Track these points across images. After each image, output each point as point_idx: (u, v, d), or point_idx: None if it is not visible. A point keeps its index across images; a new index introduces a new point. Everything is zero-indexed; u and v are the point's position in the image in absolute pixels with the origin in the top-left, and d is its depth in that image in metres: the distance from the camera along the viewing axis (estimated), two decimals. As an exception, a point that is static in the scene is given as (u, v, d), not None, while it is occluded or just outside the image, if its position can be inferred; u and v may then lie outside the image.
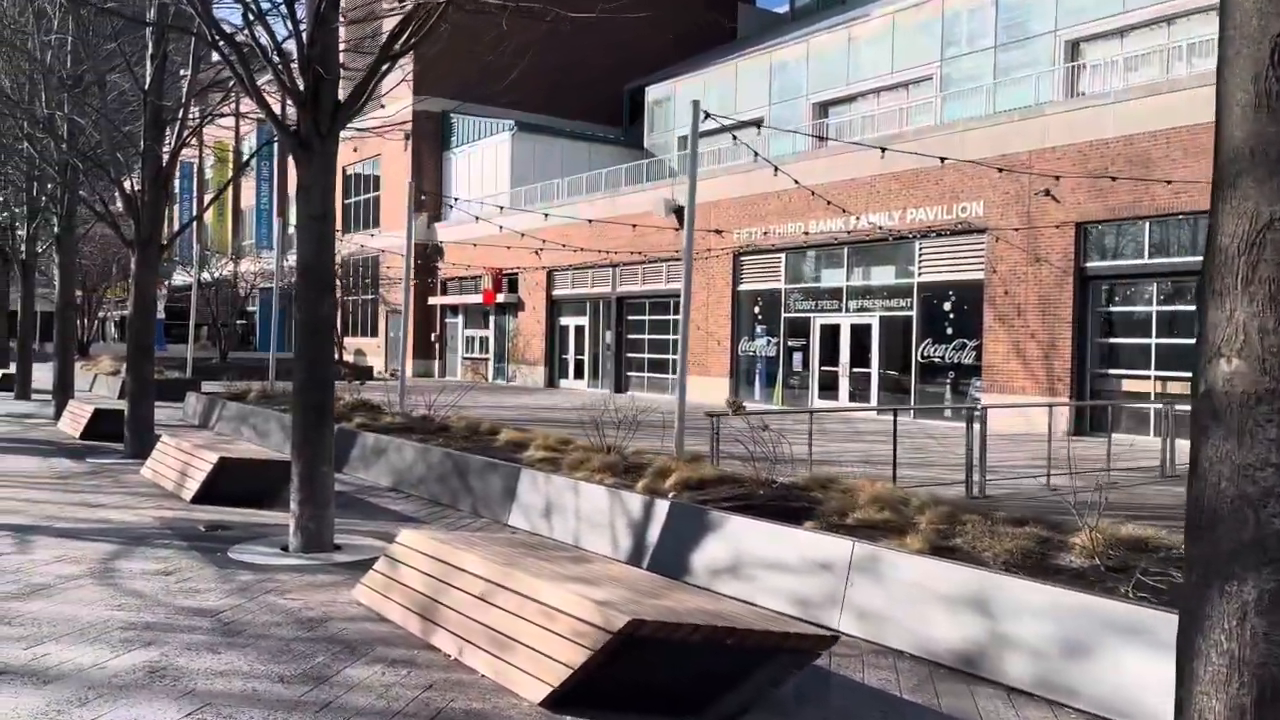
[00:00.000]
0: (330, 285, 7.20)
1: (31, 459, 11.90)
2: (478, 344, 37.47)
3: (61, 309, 16.77)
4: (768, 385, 24.56)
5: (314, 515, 7.05)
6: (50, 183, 17.20)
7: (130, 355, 12.08)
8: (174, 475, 9.60)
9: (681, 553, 6.53)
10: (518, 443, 9.89)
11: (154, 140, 11.76)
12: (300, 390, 7.12)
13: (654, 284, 28.29)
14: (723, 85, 33.88)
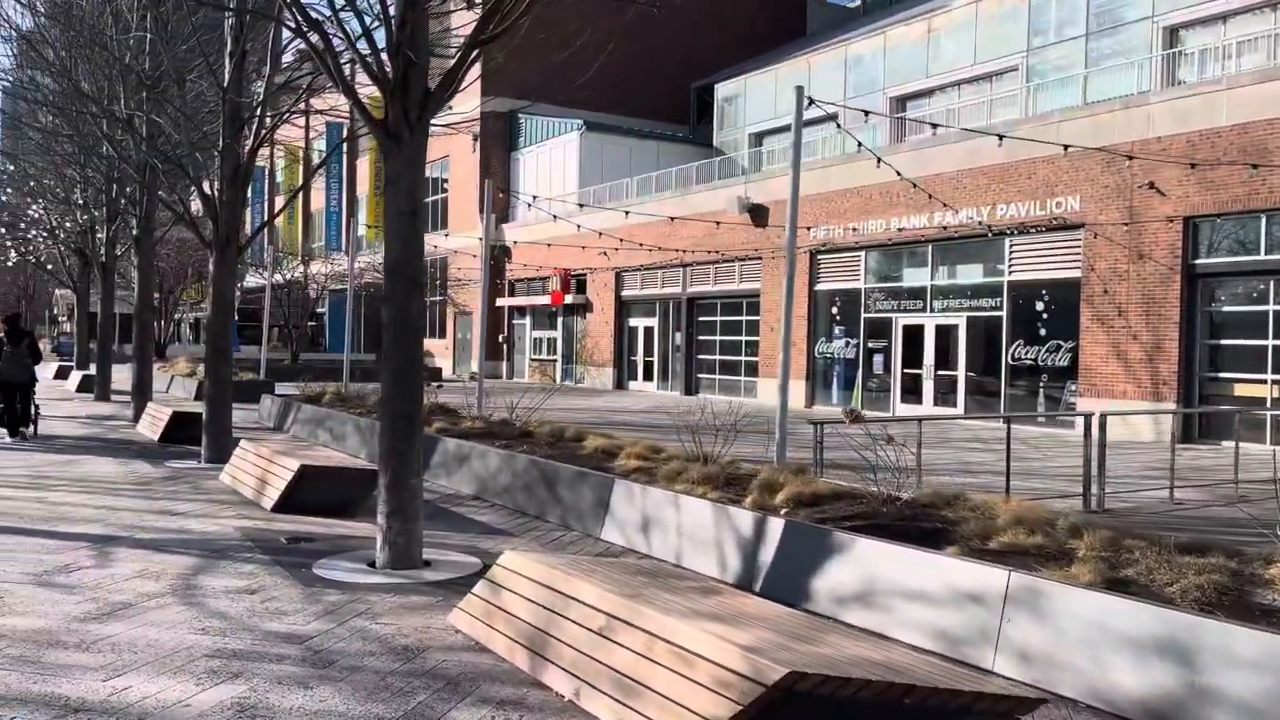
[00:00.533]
0: (420, 283, 6.78)
1: (111, 463, 11.76)
2: (545, 345, 37.22)
3: (140, 311, 16.76)
4: (845, 388, 23.80)
5: (402, 529, 6.63)
6: (129, 185, 17.22)
7: (208, 357, 11.87)
8: (253, 482, 9.30)
9: (799, 577, 5.96)
10: (606, 450, 9.40)
11: (232, 138, 11.53)
12: (388, 396, 6.71)
13: (726, 284, 27.69)
14: (795, 80, 33.04)
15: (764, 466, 8.10)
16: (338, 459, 9.16)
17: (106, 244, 21.34)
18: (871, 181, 22.39)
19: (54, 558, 6.75)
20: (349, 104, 13.62)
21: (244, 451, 9.93)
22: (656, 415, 20.82)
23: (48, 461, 11.74)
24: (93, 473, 10.87)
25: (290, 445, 10.17)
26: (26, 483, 10.02)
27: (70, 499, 9.11)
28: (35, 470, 10.97)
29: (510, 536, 7.98)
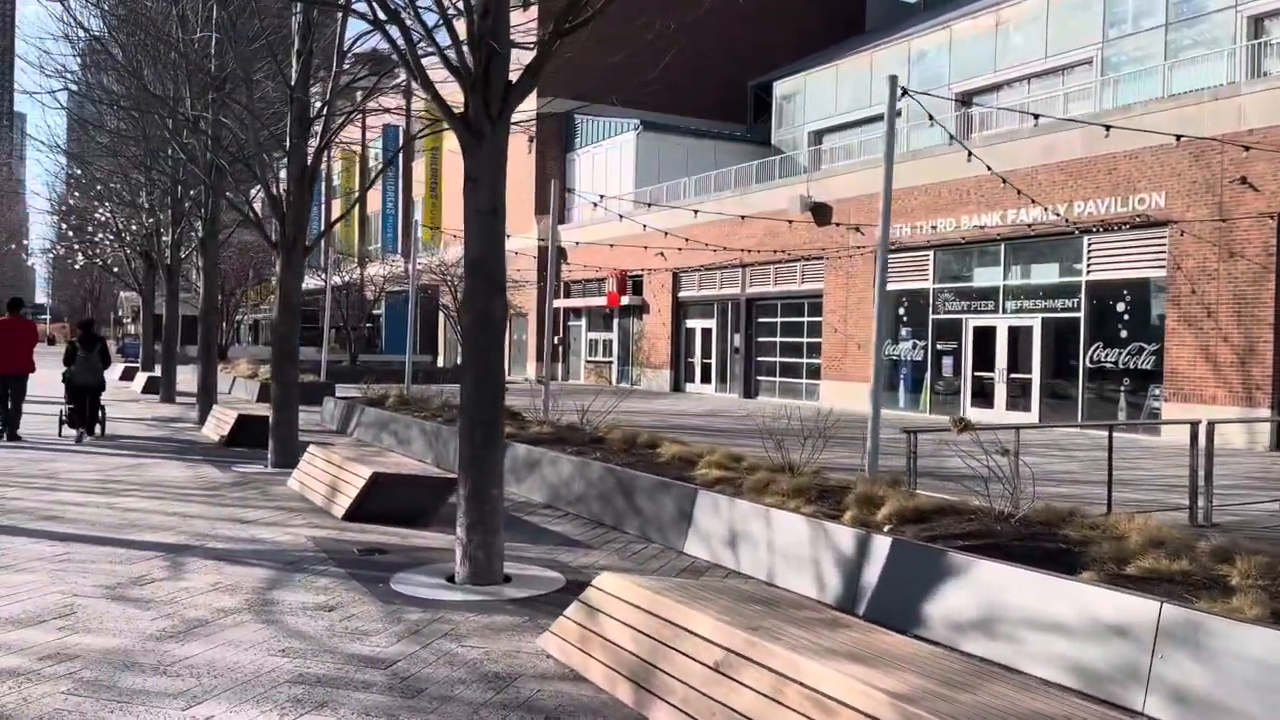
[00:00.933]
0: (501, 285, 6.47)
1: (179, 466, 11.67)
2: (601, 347, 36.97)
3: (205, 313, 16.77)
4: (913, 391, 23.18)
5: (483, 543, 6.32)
6: (195, 187, 17.26)
7: (275, 360, 11.73)
8: (323, 489, 9.09)
9: (909, 600, 5.54)
10: (684, 458, 9.03)
11: (300, 138, 11.36)
12: (468, 402, 6.40)
13: (787, 284, 27.17)
14: (856, 77, 32.48)
15: (855, 478, 7.67)
16: (409, 466, 8.91)
17: (171, 246, 21.49)
18: (940, 179, 21.77)
19: (127, 569, 6.55)
20: (408, 104, 13.31)
21: (313, 457, 9.73)
22: (718, 419, 20.42)
23: (117, 465, 11.69)
24: (161, 477, 10.77)
25: (360, 451, 9.95)
26: (97, 487, 9.93)
27: (140, 505, 8.97)
28: (105, 474, 10.90)
29: (589, 549, 7.65)
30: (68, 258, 31.33)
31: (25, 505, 8.79)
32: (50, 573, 6.38)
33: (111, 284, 55.74)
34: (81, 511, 8.55)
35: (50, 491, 9.56)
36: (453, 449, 11.90)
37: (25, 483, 10.12)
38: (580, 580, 6.53)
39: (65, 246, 30.73)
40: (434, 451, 12.59)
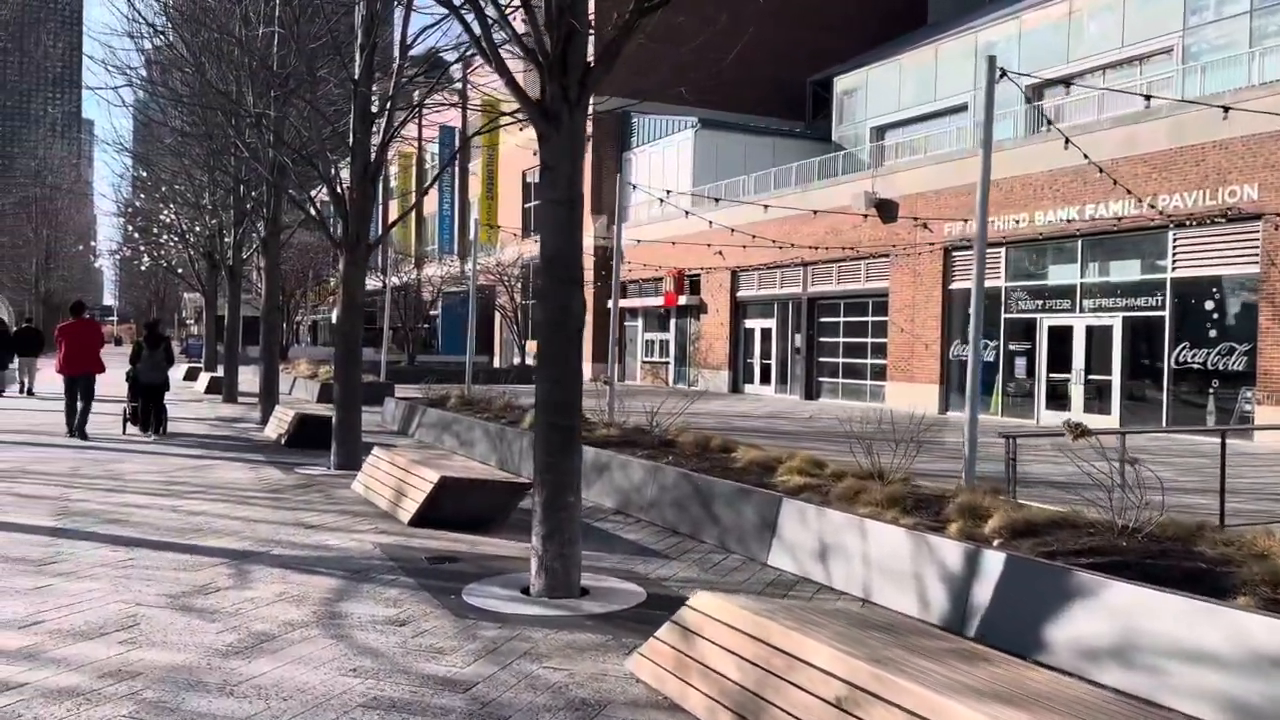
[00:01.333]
0: (579, 280, 6.11)
1: (242, 468, 11.52)
2: (657, 347, 36.61)
3: (267, 313, 16.72)
4: (984, 393, 22.42)
5: (560, 553, 5.97)
6: (257, 186, 17.23)
7: (338, 360, 11.53)
8: (388, 493, 8.82)
9: (1030, 623, 5.06)
10: (761, 463, 8.59)
11: (363, 134, 11.15)
12: (545, 405, 6.05)
13: (850, 283, 26.53)
14: (921, 71, 31.70)
15: (953, 486, 7.18)
16: (477, 470, 8.60)
17: (233, 247, 21.57)
18: (1012, 173, 21.01)
19: (191, 576, 6.31)
20: (464, 104, 13.04)
21: (377, 460, 9.48)
22: (781, 421, 19.92)
23: (181, 466, 11.58)
24: (225, 479, 10.62)
25: (425, 454, 9.67)
26: (161, 489, 9.79)
27: (205, 508, 8.78)
28: (169, 476, 10.78)
29: (666, 559, 7.26)
30: (134, 259, 31.79)
31: (91, 508, 8.65)
32: (113, 580, 6.16)
33: (176, 285, 56.74)
34: (146, 515, 8.38)
35: (115, 494, 9.43)
36: (517, 451, 11.61)
37: (91, 484, 10.02)
38: (662, 594, 6.15)
39: (131, 248, 31.18)
40: (498, 454, 12.30)
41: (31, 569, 6.39)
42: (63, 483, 10.05)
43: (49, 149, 47.97)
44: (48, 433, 14.94)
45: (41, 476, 10.43)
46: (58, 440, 14.02)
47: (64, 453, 12.63)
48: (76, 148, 76.20)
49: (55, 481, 10.13)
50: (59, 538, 7.37)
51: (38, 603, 5.63)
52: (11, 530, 7.60)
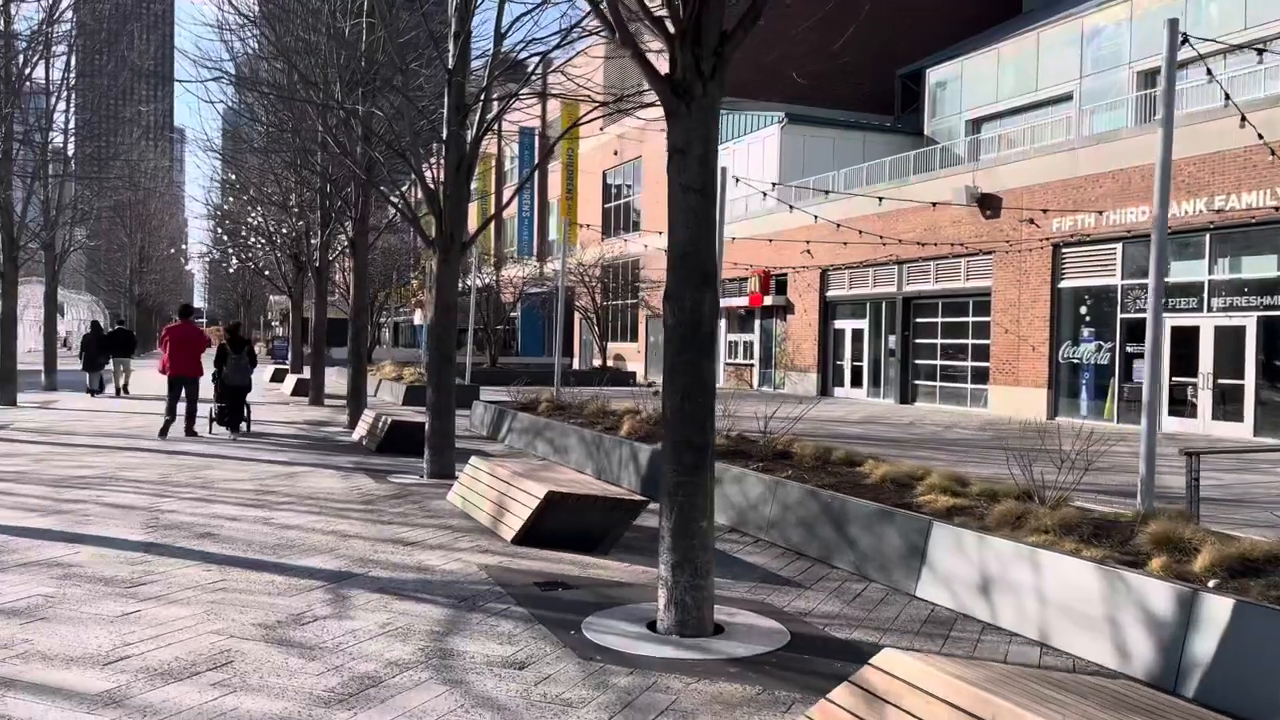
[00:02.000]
0: (713, 277, 5.43)
1: (333, 476, 11.11)
2: (741, 349, 35.78)
3: (355, 315, 16.41)
4: (1096, 398, 21.11)
5: (691, 585, 5.28)
6: (346, 185, 16.95)
7: (431, 363, 11.03)
8: (489, 506, 8.25)
9: (1268, 683, 4.20)
10: (896, 480, 7.79)
11: (457, 125, 10.63)
12: (674, 420, 5.37)
13: (949, 281, 25.36)
14: (1020, 60, 30.29)
15: (1127, 510, 6.30)
16: (587, 484, 7.97)
17: (320, 248, 21.42)
18: (1129, 164, 19.71)
19: (286, 602, 5.79)
20: (544, 106, 12.37)
21: (476, 471, 8.92)
22: (879, 426, 18.97)
23: (271, 474, 11.22)
24: (316, 488, 10.20)
25: (527, 465, 9.07)
26: (252, 499, 9.39)
27: (297, 521, 8.33)
28: (260, 483, 10.40)
29: (799, 588, 6.52)
30: (222, 261, 32.16)
31: (181, 519, 8.26)
32: (205, 606, 5.67)
33: (263, 287, 57.78)
34: (237, 528, 7.95)
35: (206, 504, 9.05)
36: (616, 461, 10.97)
37: (181, 493, 9.68)
38: (807, 634, 5.42)
39: (220, 250, 31.55)
40: (594, 462, 11.69)
41: (120, 591, 5.94)
42: (153, 491, 9.74)
43: (142, 153, 49.12)
44: (139, 435, 14.84)
45: (132, 484, 10.14)
46: (148, 444, 13.86)
47: (154, 458, 12.41)
48: (169, 152, 78.32)
49: (145, 490, 9.82)
50: (149, 553, 6.95)
51: (124, 632, 5.15)
52: (102, 545, 7.21)
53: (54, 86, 20.82)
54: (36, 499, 9.10)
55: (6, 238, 19.43)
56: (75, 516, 8.26)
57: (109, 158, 30.79)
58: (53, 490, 9.59)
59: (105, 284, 65.25)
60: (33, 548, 7.03)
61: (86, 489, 9.74)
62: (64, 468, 11.24)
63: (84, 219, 27.73)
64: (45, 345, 26.03)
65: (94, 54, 26.25)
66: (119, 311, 57.91)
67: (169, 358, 14.97)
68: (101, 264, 65.22)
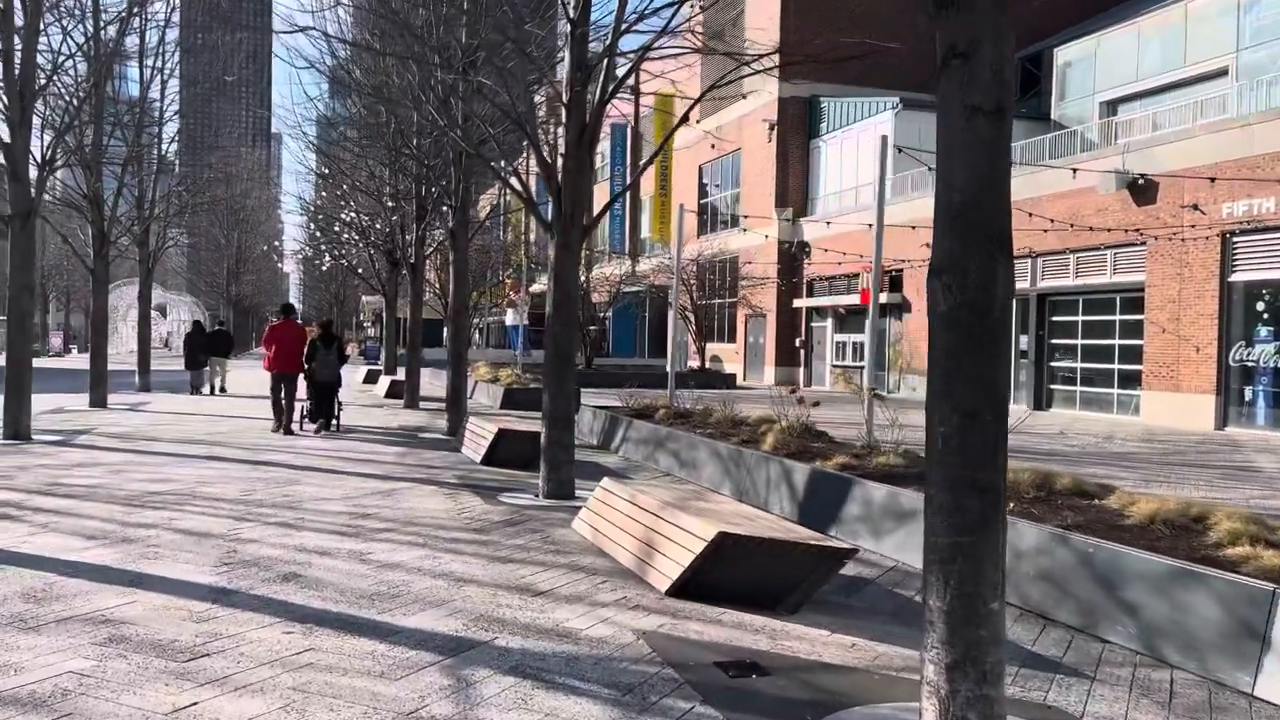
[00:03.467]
0: (1007, 242, 3.73)
1: (436, 495, 9.67)
2: (850, 350, 33.70)
3: (455, 313, 15.08)
4: (1274, 407, 18.61)
5: (977, 697, 3.58)
6: (442, 175, 15.67)
7: (549, 364, 9.51)
8: (630, 543, 6.65)
9: None
10: (1169, 521, 5.93)
11: (580, 86, 9.09)
12: (950, 450, 3.68)
13: (1092, 276, 22.99)
14: (1166, 35, 27.60)
15: None
16: (761, 521, 6.26)
17: (416, 243, 20.23)
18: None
19: (392, 691, 4.26)
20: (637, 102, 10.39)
21: (610, 496, 7.34)
22: (1026, 436, 16.84)
23: (366, 490, 9.85)
24: (418, 510, 8.76)
25: (678, 494, 7.41)
26: (346, 525, 7.99)
27: (399, 556, 6.86)
28: (354, 503, 9.02)
29: (1078, 676, 4.76)
30: (315, 259, 31.48)
31: (262, 553, 6.87)
32: (284, 696, 4.17)
33: (356, 286, 57.68)
34: (328, 568, 6.51)
35: (292, 531, 7.67)
36: (762, 481, 9.29)
37: (264, 516, 8.35)
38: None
39: (313, 248, 30.86)
40: (732, 481, 10.03)
41: (176, 667, 4.50)
42: (233, 512, 8.42)
43: (237, 152, 49.74)
44: (224, 443, 13.72)
45: (210, 504, 8.86)
46: (233, 453, 12.70)
47: (238, 470, 11.19)
48: (265, 147, 79.50)
49: (225, 510, 8.51)
50: (220, 604, 5.53)
51: (174, 742, 3.68)
52: (165, 590, 5.83)
53: (150, 60, 20.03)
54: (101, 521, 7.85)
55: (97, 232, 18.68)
56: (141, 547, 6.94)
57: (206, 148, 30.35)
58: (122, 511, 8.34)
59: (204, 285, 66.19)
60: (82, 593, 5.69)
61: (160, 509, 8.47)
62: (140, 481, 10.06)
63: (179, 214, 27.21)
64: (139, 346, 25.60)
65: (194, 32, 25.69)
66: (217, 312, 58.51)
67: (274, 355, 15.58)
68: (201, 265, 66.19)
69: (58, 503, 8.68)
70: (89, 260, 19.04)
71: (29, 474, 10.38)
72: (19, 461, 11.38)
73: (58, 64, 13.67)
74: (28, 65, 13.07)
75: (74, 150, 15.48)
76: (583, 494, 9.53)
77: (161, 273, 79.91)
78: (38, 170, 13.60)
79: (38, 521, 7.80)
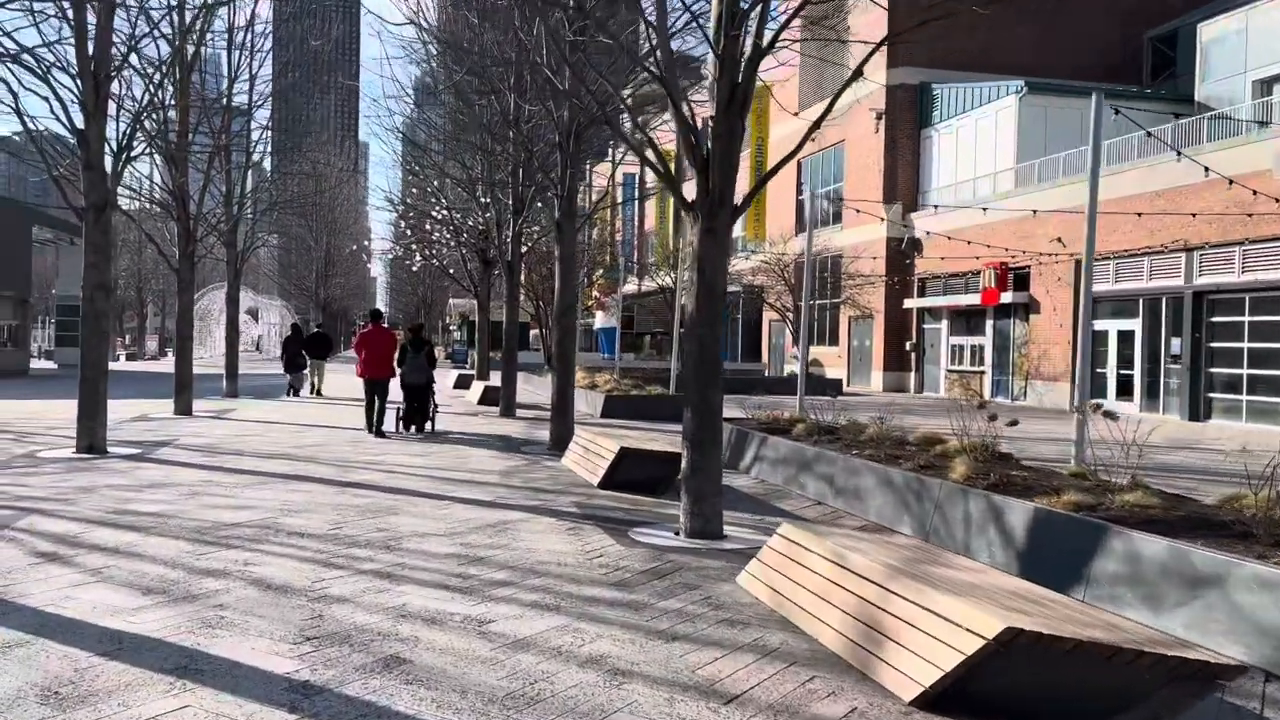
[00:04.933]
0: None
1: (556, 531, 8.10)
2: (967, 354, 31.35)
3: (561, 312, 13.54)
4: None
5: None
6: (550, 154, 14.19)
7: (692, 374, 7.83)
8: (837, 620, 4.94)
9: None
10: None
11: (729, 41, 7.42)
12: None
13: (1261, 271, 20.43)
14: (1331, 2, 24.76)
15: None
16: (1066, 612, 4.41)
17: (513, 239, 18.82)
18: None
19: None
20: None
21: (796, 549, 5.63)
22: (1199, 454, 14.61)
23: (473, 522, 8.34)
24: (538, 553, 7.19)
25: (901, 554, 5.54)
26: (456, 575, 6.44)
27: (528, 629, 5.26)
28: (461, 542, 7.49)
29: None
30: (405, 259, 30.46)
31: (356, 619, 5.35)
32: None
33: (445, 287, 57.06)
34: (439, 645, 4.95)
35: (389, 585, 6.15)
36: (959, 519, 7.50)
37: (358, 559, 6.87)
38: None
39: (404, 246, 29.82)
40: (912, 517, 8.23)
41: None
42: (319, 553, 6.97)
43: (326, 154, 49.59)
44: (312, 459, 12.43)
45: (293, 540, 7.43)
46: (320, 471, 11.37)
47: (326, 493, 9.81)
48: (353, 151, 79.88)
49: (309, 550, 7.06)
50: (299, 713, 3.99)
51: None
52: (227, 685, 4.33)
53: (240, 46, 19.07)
54: (164, 566, 6.45)
55: (183, 230, 17.71)
56: (205, 608, 5.49)
57: (293, 146, 29.62)
58: (190, 551, 6.96)
59: (294, 288, 66.51)
60: (118, 689, 4.22)
61: (233, 548, 7.07)
62: (215, 507, 8.72)
63: (269, 209, 26.42)
64: (227, 350, 24.80)
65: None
66: (307, 316, 58.58)
67: (364, 361, 15.69)
68: (290, 269, 66.53)
69: (119, 538, 7.35)
70: (174, 260, 18.08)
71: (94, 497, 9.14)
72: (87, 481, 10.19)
73: (135, 43, 12.50)
74: (103, 44, 11.97)
75: (153, 137, 14.35)
76: (731, 532, 7.86)
77: (254, 277, 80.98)
78: (114, 159, 12.49)
79: (90, 565, 6.44)
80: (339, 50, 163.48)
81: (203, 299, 65.14)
